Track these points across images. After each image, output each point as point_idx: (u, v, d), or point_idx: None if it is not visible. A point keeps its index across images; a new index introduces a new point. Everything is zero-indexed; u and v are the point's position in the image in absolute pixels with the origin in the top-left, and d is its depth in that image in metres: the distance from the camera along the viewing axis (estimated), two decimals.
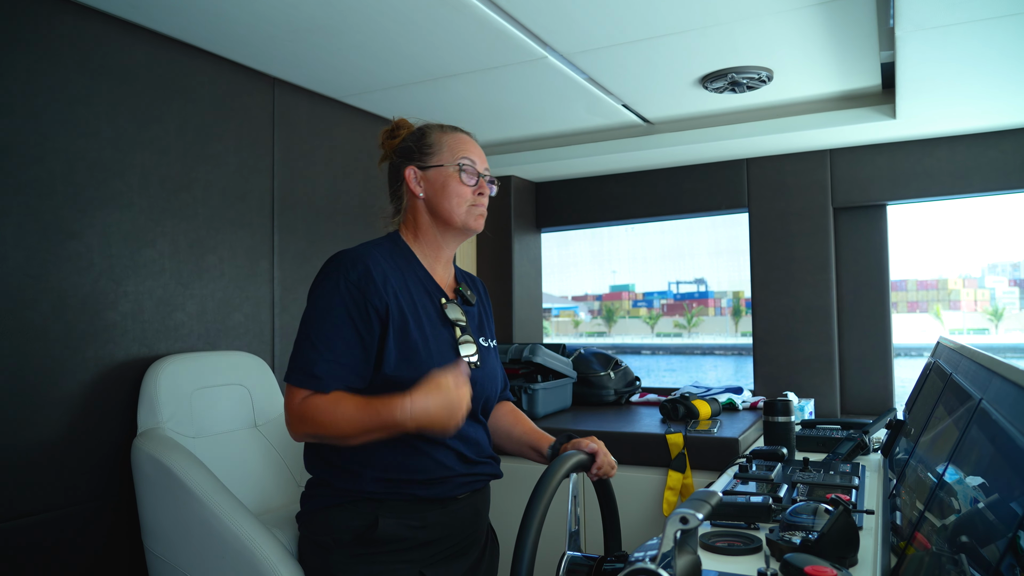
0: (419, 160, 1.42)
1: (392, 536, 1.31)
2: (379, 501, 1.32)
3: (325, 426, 1.24)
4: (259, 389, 1.96)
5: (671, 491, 2.24)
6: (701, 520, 0.87)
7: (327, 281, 1.32)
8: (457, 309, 1.44)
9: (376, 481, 1.31)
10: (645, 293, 33.24)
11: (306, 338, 1.29)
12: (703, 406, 2.54)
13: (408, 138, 1.45)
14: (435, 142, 1.43)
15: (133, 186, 1.81)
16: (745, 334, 30.78)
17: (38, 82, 1.61)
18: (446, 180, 1.40)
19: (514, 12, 1.77)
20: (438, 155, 1.42)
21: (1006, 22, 1.69)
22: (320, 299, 1.31)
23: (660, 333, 31.50)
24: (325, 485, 1.35)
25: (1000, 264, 33.88)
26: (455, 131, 1.46)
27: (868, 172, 2.83)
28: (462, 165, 1.40)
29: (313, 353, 1.27)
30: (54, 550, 1.60)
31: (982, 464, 0.90)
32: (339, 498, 1.33)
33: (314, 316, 1.31)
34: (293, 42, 1.95)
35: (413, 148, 1.43)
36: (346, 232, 2.48)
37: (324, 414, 1.24)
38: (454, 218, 1.41)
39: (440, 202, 1.40)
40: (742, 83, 2.27)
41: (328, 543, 1.33)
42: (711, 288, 32.51)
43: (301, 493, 1.41)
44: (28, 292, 1.58)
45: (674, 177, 3.20)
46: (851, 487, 1.55)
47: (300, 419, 1.26)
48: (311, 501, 1.38)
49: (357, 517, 1.31)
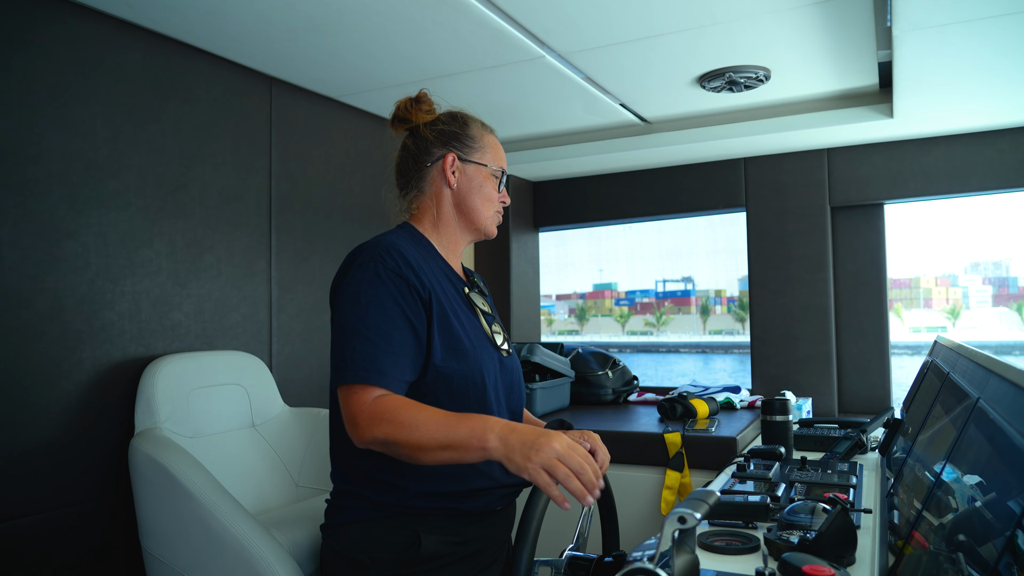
0: (461, 150, 1.36)
1: (434, 554, 1.24)
2: (420, 516, 1.25)
3: (404, 427, 1.08)
4: (257, 389, 1.95)
5: (669, 490, 2.24)
6: (699, 519, 0.87)
7: (363, 271, 1.22)
8: (480, 297, 1.41)
9: (420, 495, 1.24)
10: (627, 292, 33.54)
11: (356, 332, 1.17)
12: (701, 405, 2.54)
13: (449, 122, 1.38)
14: (478, 137, 1.38)
15: (130, 186, 1.80)
16: (713, 332, 31.37)
17: (34, 81, 1.61)
18: (484, 181, 1.37)
19: (511, 11, 1.77)
20: (482, 152, 1.37)
21: (1003, 21, 1.69)
22: (363, 291, 1.20)
23: (630, 331, 31.79)
24: (359, 497, 1.27)
25: (983, 263, 34.18)
26: (493, 132, 1.43)
27: (865, 171, 2.83)
28: (503, 172, 1.39)
29: (370, 347, 1.16)
30: (51, 550, 1.60)
31: (980, 463, 0.90)
32: (376, 512, 1.25)
33: (360, 308, 1.19)
34: (290, 41, 1.94)
35: (458, 135, 1.37)
36: (344, 231, 2.47)
37: (404, 413, 1.10)
38: (480, 219, 1.38)
39: (472, 199, 1.36)
40: (740, 82, 2.28)
41: (364, 561, 1.24)
42: (699, 287, 32.83)
43: (327, 502, 1.35)
44: (24, 292, 1.57)
45: (672, 176, 3.20)
46: (849, 486, 1.55)
47: (375, 419, 1.10)
48: (342, 513, 1.29)
49: (397, 533, 1.24)
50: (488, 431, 1.04)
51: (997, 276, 31.53)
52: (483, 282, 1.57)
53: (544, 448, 0.99)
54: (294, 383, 2.25)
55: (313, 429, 1.99)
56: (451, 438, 1.06)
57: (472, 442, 1.04)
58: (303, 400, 2.27)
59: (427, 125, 1.38)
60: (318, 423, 2.00)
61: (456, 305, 1.32)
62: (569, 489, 0.99)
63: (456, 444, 1.05)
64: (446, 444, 1.06)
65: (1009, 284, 30.71)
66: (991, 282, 31.16)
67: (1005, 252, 58.50)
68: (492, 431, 1.04)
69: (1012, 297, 30.61)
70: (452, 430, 1.06)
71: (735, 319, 31.84)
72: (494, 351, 1.35)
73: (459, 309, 1.32)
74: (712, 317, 31.63)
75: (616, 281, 33.29)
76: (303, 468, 1.96)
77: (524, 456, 1.00)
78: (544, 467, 0.98)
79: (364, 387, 1.14)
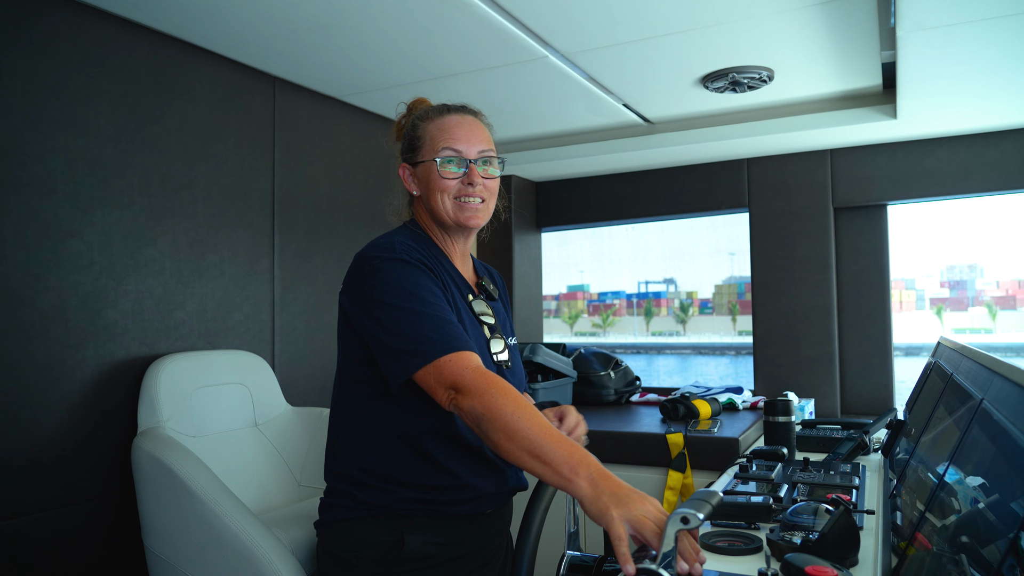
0: (410, 158, 1.35)
1: (418, 554, 1.23)
2: (405, 517, 1.24)
3: (507, 412, 1.04)
4: (259, 388, 1.96)
5: (671, 491, 2.24)
6: (702, 520, 0.86)
7: (390, 264, 1.20)
8: (483, 304, 1.38)
9: (405, 500, 1.23)
10: (600, 293, 34.06)
11: (415, 314, 1.14)
12: (703, 406, 2.54)
13: (406, 132, 1.38)
14: (422, 135, 1.33)
15: (134, 185, 1.81)
16: (655, 333, 32.39)
17: (38, 81, 1.61)
18: (430, 175, 1.30)
19: (515, 11, 1.77)
20: (423, 149, 1.32)
21: (1007, 22, 1.69)
22: (397, 279, 1.18)
23: (578, 332, 32.22)
24: (346, 496, 1.27)
25: (958, 266, 34.44)
26: (441, 116, 1.34)
27: (869, 172, 2.83)
28: (444, 157, 1.29)
29: (436, 321, 1.14)
30: (54, 548, 1.60)
31: (983, 464, 0.90)
32: (362, 511, 1.25)
33: (406, 293, 1.16)
34: (293, 41, 1.95)
35: (410, 143, 1.36)
36: (346, 231, 2.47)
37: (512, 400, 1.06)
38: (442, 214, 1.31)
39: (428, 199, 1.32)
40: (743, 83, 2.27)
41: (350, 560, 1.24)
42: (682, 288, 33.45)
43: (320, 500, 1.35)
44: (28, 291, 1.58)
45: (675, 177, 3.20)
46: (851, 487, 1.55)
47: (483, 389, 1.07)
48: (331, 511, 1.29)
49: (381, 532, 1.24)
50: (583, 465, 0.99)
51: (950, 279, 31.80)
52: (500, 281, 1.54)
53: (637, 506, 0.94)
54: (296, 382, 2.25)
55: (315, 428, 2.00)
56: (545, 450, 1.01)
57: (563, 467, 0.99)
58: (305, 399, 2.27)
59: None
60: (320, 422, 2.00)
61: (462, 311, 1.30)
62: (651, 545, 0.93)
63: (546, 459, 1.01)
64: (538, 453, 1.02)
65: (966, 287, 31.05)
66: (949, 284, 31.40)
67: (977, 257, 58.89)
68: (588, 467, 0.99)
69: (964, 301, 30.95)
70: (550, 443, 1.02)
71: (676, 321, 32.78)
72: (492, 365, 1.32)
73: (464, 316, 1.30)
74: (655, 319, 32.49)
75: (588, 283, 33.88)
76: (305, 467, 1.96)
77: (612, 505, 0.94)
78: (630, 522, 0.93)
79: (455, 355, 1.11)
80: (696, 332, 33.58)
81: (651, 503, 0.96)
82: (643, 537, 0.92)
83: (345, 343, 1.30)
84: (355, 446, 1.28)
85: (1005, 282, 29.74)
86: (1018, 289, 28.92)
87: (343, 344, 1.31)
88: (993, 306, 29.57)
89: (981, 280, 31.33)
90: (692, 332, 32.75)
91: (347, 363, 1.30)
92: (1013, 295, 29.27)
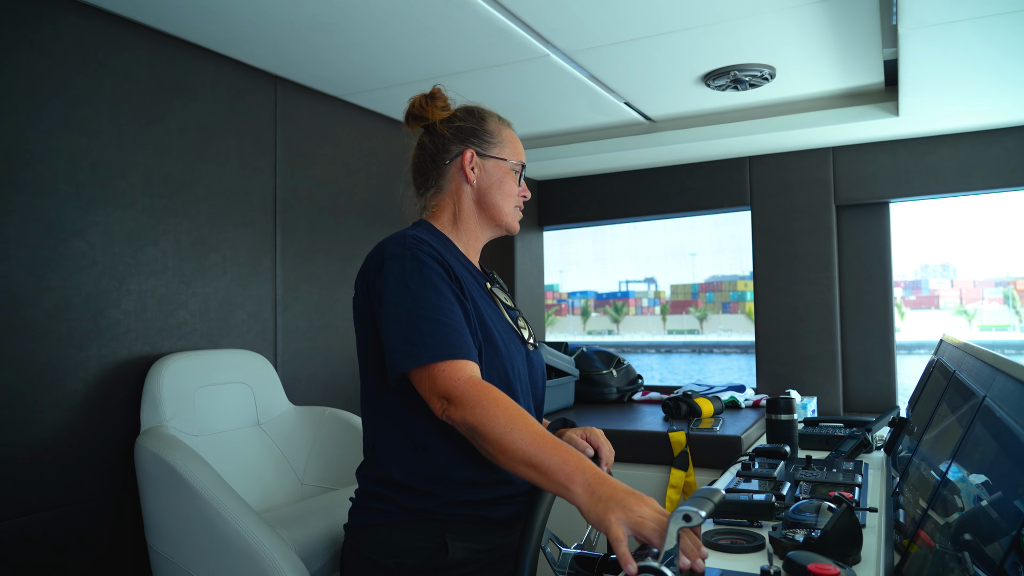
0: (479, 146, 1.35)
1: (461, 561, 1.21)
2: (447, 523, 1.22)
3: (499, 424, 1.05)
4: (262, 387, 1.96)
5: (674, 489, 2.24)
6: (704, 518, 0.86)
7: (401, 260, 1.19)
8: (502, 292, 1.40)
9: (448, 503, 1.22)
10: (569, 293, 34.57)
11: (416, 316, 1.14)
12: (705, 404, 2.54)
13: (466, 117, 1.37)
14: (496, 131, 1.38)
15: (136, 184, 1.81)
16: (590, 332, 33.38)
17: (40, 81, 1.61)
18: (504, 176, 1.36)
19: (516, 10, 1.77)
20: (500, 147, 1.37)
21: (1009, 19, 1.69)
22: (408, 276, 1.18)
23: None
24: (388, 500, 1.24)
25: (931, 265, 34.70)
26: (510, 127, 1.42)
27: (871, 169, 2.83)
28: (522, 166, 1.39)
29: (436, 326, 1.13)
30: (58, 548, 1.60)
31: (986, 462, 0.90)
32: (403, 516, 1.23)
33: (411, 292, 1.16)
34: (295, 40, 1.95)
35: (476, 131, 1.36)
36: (349, 230, 2.48)
37: (504, 410, 1.06)
38: (502, 215, 1.36)
39: (493, 195, 1.35)
40: (744, 81, 2.27)
41: (390, 565, 1.22)
42: (661, 287, 34.15)
43: (353, 502, 1.32)
44: (31, 290, 1.58)
45: (676, 175, 3.20)
46: (854, 485, 1.54)
47: (473, 401, 1.07)
48: (367, 515, 1.27)
49: (424, 539, 1.21)
50: (579, 471, 1.00)
51: (908, 280, 31.92)
52: (500, 279, 1.56)
53: (634, 508, 0.94)
54: (299, 381, 2.25)
55: (318, 427, 2.00)
56: (540, 459, 1.02)
57: (558, 474, 1.00)
58: (308, 398, 2.27)
59: (444, 122, 1.36)
60: (323, 421, 2.01)
61: (482, 300, 1.30)
62: (652, 543, 0.93)
63: (542, 468, 1.02)
64: (533, 463, 1.03)
65: (921, 288, 31.20)
66: (905, 285, 31.50)
67: (952, 256, 59.53)
68: (583, 473, 0.99)
69: (923, 301, 31.05)
70: (544, 451, 1.02)
71: (610, 320, 33.57)
72: (521, 345, 1.34)
73: (486, 304, 1.30)
74: (591, 318, 33.24)
75: (558, 283, 34.50)
76: (308, 466, 1.96)
77: (609, 509, 0.95)
78: (628, 524, 0.93)
79: (449, 363, 1.11)
80: (630, 331, 34.43)
81: (648, 503, 0.96)
82: (643, 537, 0.93)
83: (363, 339, 1.28)
84: (393, 446, 1.25)
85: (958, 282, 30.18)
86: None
87: (362, 342, 1.28)
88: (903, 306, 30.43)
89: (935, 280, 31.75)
90: (625, 331, 33.74)
91: (367, 360, 1.28)
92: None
